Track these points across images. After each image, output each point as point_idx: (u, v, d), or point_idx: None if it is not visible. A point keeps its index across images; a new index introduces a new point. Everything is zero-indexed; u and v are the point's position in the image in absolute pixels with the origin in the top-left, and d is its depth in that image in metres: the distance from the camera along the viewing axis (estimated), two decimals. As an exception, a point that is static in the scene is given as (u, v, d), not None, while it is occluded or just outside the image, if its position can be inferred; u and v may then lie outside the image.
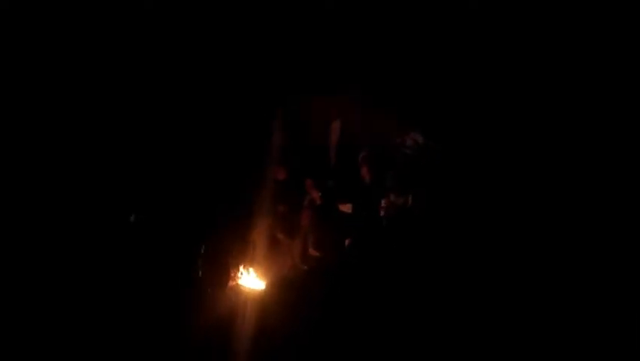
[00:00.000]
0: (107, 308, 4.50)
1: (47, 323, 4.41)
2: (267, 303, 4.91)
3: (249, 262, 5.14)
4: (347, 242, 5.26)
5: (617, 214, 4.60)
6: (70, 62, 5.14)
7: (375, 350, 4.49)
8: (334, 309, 4.76)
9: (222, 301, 4.77)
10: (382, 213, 5.08)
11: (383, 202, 5.07)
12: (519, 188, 4.85)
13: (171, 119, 5.19)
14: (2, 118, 4.98)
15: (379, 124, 5.39)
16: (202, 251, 4.85)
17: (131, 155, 5.08)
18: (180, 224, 4.90)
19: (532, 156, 4.90)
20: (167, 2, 5.24)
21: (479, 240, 4.76)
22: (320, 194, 5.40)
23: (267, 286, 5.10)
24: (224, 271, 4.94)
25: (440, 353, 4.45)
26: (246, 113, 5.42)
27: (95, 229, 4.82)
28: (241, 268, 5.10)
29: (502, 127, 5.01)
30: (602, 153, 4.76)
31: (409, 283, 4.72)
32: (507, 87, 5.06)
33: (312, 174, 5.50)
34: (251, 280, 5.10)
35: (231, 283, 5.00)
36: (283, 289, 5.06)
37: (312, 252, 5.40)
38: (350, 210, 5.31)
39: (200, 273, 4.81)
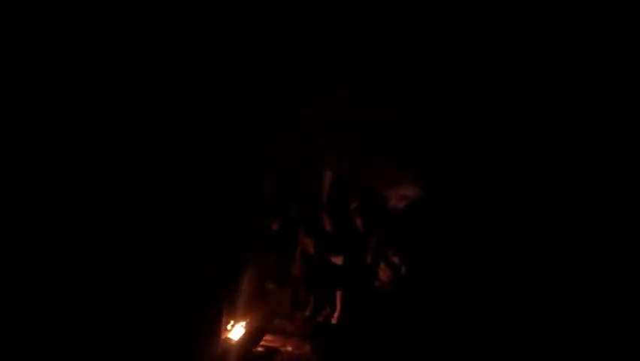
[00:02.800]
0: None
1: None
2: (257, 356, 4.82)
3: (240, 313, 5.04)
4: (338, 294, 5.22)
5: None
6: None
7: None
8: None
9: (212, 355, 4.60)
10: (377, 282, 5.03)
11: (380, 272, 5.01)
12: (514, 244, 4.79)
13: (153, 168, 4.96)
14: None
15: (372, 174, 5.38)
16: (191, 301, 4.68)
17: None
18: (168, 273, 4.69)
19: (526, 212, 4.85)
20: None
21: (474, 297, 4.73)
22: (312, 244, 5.32)
23: (257, 337, 5.01)
24: (214, 324, 4.78)
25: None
26: (236, 161, 5.27)
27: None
28: (231, 322, 4.99)
29: (498, 176, 4.96)
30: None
31: (404, 334, 4.67)
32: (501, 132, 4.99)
33: (304, 224, 5.42)
34: (240, 333, 4.99)
35: (222, 336, 4.86)
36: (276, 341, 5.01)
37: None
38: (341, 262, 5.24)
39: (190, 325, 4.62)
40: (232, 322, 4.99)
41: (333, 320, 5.23)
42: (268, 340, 5.02)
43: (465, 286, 4.77)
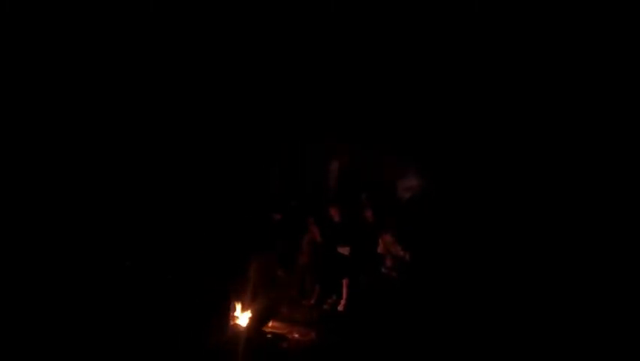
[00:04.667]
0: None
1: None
2: (266, 342, 4.83)
3: (248, 300, 5.07)
4: (345, 282, 5.33)
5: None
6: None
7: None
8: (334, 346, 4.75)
9: (221, 342, 4.61)
10: (384, 270, 5.11)
11: (386, 260, 5.10)
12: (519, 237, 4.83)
13: (167, 158, 5.16)
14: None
15: (379, 164, 5.51)
16: (201, 291, 4.72)
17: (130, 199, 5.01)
18: (179, 265, 4.82)
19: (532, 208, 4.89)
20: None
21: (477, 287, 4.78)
22: (320, 233, 5.44)
23: (262, 322, 5.06)
24: (224, 311, 4.84)
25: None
26: (244, 155, 5.43)
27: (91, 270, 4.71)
28: (239, 308, 5.03)
29: (501, 170, 5.02)
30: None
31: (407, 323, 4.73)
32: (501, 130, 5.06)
33: (313, 214, 5.53)
34: (249, 320, 5.04)
35: (231, 323, 4.92)
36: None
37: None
38: (348, 253, 5.35)
39: (199, 313, 4.63)
40: (240, 308, 5.04)
41: (340, 308, 5.35)
42: (275, 327, 5.08)
43: (467, 276, 4.84)
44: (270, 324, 5.11)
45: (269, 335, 4.96)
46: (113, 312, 4.39)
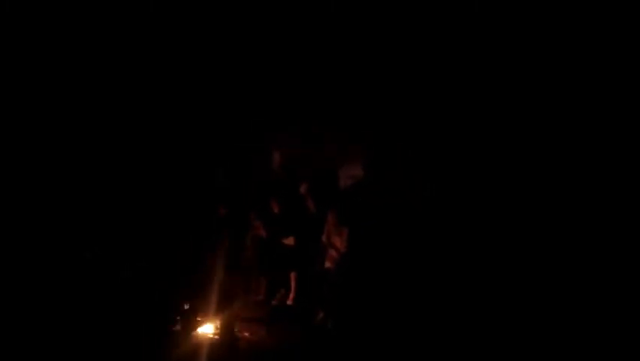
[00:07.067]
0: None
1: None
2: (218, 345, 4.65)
3: (197, 303, 4.86)
4: (292, 275, 5.28)
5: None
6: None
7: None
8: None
9: (171, 348, 4.41)
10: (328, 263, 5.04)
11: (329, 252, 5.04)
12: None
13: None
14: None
15: (321, 154, 5.47)
16: (148, 298, 4.52)
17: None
18: (126, 268, 4.61)
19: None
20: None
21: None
22: (263, 227, 5.33)
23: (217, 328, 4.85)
24: (170, 317, 4.64)
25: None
26: (186, 153, 5.27)
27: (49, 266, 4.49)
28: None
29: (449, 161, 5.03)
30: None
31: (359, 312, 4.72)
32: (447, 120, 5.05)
33: (254, 208, 5.41)
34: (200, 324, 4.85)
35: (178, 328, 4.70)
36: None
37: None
38: (293, 244, 5.30)
39: (146, 321, 4.43)
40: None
41: (289, 302, 5.30)
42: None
43: (415, 266, 4.87)
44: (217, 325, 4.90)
45: (216, 336, 4.76)
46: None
